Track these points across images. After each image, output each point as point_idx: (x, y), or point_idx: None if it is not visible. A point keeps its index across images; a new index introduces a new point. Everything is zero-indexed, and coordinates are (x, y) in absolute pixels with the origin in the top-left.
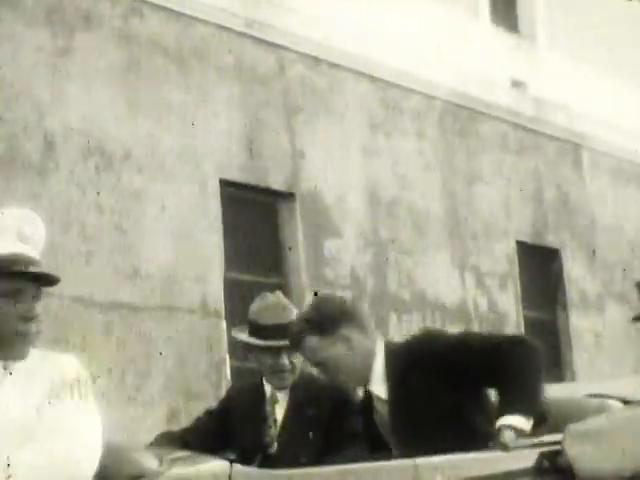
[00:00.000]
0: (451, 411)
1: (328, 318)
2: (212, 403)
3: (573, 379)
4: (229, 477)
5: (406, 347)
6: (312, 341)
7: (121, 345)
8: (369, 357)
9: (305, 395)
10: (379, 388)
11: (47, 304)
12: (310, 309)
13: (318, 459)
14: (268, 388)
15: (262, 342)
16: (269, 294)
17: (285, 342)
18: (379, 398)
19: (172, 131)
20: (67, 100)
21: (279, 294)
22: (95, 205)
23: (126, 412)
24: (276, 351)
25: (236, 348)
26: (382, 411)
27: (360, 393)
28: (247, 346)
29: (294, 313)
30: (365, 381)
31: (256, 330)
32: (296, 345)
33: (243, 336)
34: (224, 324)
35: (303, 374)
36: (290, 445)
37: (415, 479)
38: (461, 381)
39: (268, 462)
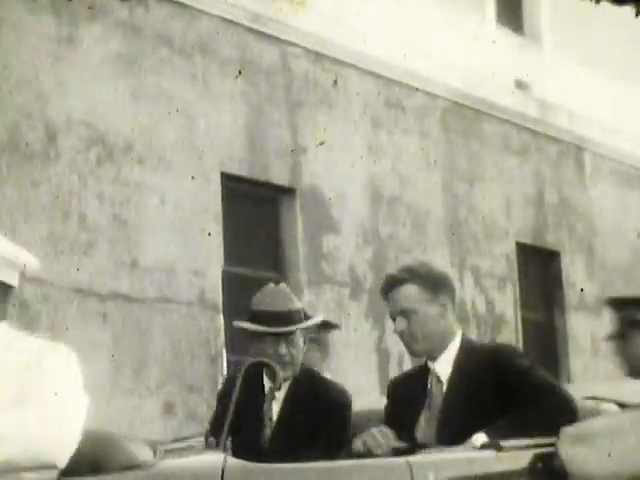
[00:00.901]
0: (487, 423)
1: (435, 278)
2: (208, 396)
3: (569, 381)
4: (222, 470)
5: (486, 349)
6: (410, 289)
7: (118, 336)
8: (449, 335)
9: (300, 397)
10: (443, 369)
11: (46, 293)
12: (418, 264)
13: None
14: (267, 383)
15: (259, 328)
16: (272, 284)
17: (284, 329)
18: (438, 378)
19: (174, 124)
20: (70, 90)
21: (283, 285)
22: (96, 195)
23: (122, 403)
24: (275, 339)
25: (233, 342)
26: (435, 391)
27: None
28: (247, 335)
29: (294, 303)
30: (430, 354)
31: (256, 318)
32: (387, 290)
33: (243, 323)
34: (221, 318)
35: (303, 370)
36: (280, 446)
37: (409, 478)
38: (503, 403)
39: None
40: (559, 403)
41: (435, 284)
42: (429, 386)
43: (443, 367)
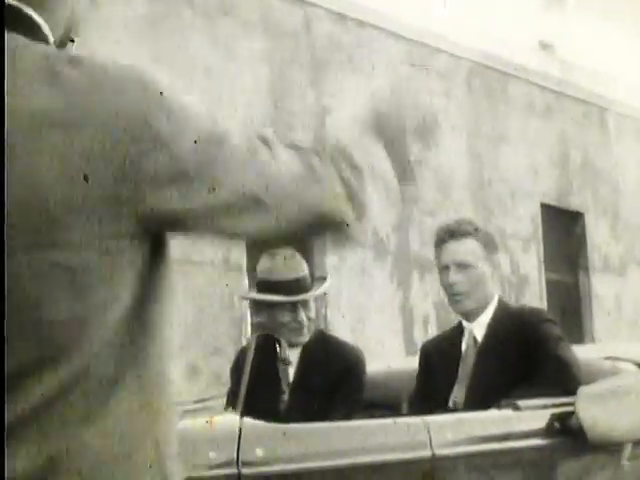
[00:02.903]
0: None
1: (491, 237)
2: (232, 358)
3: (593, 342)
4: (239, 430)
5: (518, 312)
6: (472, 244)
7: None
8: (489, 297)
9: (314, 359)
10: (480, 330)
11: None
12: (477, 224)
13: None
14: (281, 348)
15: (279, 298)
16: (279, 250)
17: (303, 297)
18: (475, 339)
19: (197, 86)
20: (92, 52)
21: (290, 250)
22: None
23: None
24: (292, 307)
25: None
26: (470, 352)
27: None
28: (258, 305)
29: (304, 268)
30: (471, 313)
31: (268, 287)
32: (445, 240)
33: (258, 295)
34: (246, 279)
35: (316, 333)
36: (297, 410)
37: (427, 437)
38: (526, 369)
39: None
40: (563, 379)
41: (492, 243)
42: (464, 347)
43: (480, 328)
